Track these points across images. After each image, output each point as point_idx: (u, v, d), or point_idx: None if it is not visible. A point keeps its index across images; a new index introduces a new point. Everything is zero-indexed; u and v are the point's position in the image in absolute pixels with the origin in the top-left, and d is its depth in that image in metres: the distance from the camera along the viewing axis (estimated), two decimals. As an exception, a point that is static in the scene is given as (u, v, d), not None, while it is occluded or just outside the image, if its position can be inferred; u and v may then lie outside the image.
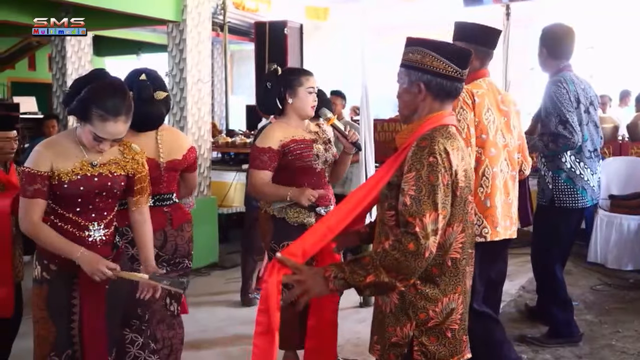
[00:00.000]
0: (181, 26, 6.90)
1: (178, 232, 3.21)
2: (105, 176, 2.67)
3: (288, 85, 3.52)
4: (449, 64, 2.10)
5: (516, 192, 3.53)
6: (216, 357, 4.36)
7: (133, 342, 3.11)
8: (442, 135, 2.06)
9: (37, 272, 2.71)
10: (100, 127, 2.52)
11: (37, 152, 2.61)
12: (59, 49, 7.90)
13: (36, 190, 2.57)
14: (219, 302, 5.62)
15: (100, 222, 2.70)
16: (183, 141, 3.34)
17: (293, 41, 9.63)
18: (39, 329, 2.69)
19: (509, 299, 5.40)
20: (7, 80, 11.20)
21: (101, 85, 2.58)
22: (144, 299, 3.02)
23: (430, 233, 1.94)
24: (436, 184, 1.97)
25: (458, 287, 2.12)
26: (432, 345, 2.10)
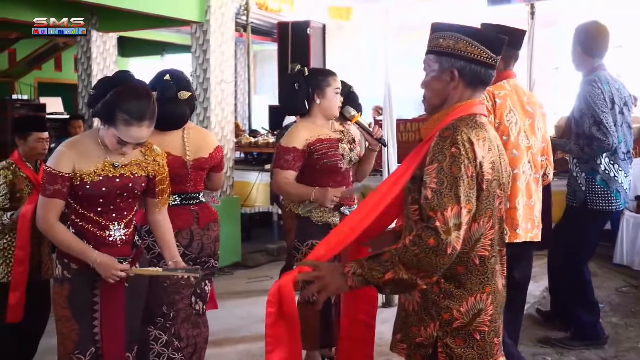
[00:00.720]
0: (205, 27, 6.94)
1: (204, 232, 3.23)
2: (127, 177, 2.69)
3: (317, 86, 3.53)
4: (484, 49, 2.01)
5: (540, 195, 3.50)
6: (238, 355, 4.38)
7: (157, 339, 3.14)
8: (467, 125, 1.97)
9: (59, 271, 2.73)
10: (124, 132, 2.54)
11: (60, 153, 2.63)
12: (84, 50, 8.00)
13: (56, 191, 2.59)
14: (242, 301, 5.65)
15: (121, 222, 2.73)
16: (210, 140, 3.36)
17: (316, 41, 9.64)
18: (62, 327, 2.72)
19: (533, 300, 5.35)
20: (34, 81, 11.34)
21: (126, 89, 2.59)
22: (170, 297, 3.06)
23: (453, 228, 1.84)
24: (459, 175, 1.87)
25: (487, 287, 2.01)
26: (458, 347, 2.00)
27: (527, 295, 3.96)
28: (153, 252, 3.11)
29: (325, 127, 3.61)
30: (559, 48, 9.22)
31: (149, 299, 3.06)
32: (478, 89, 2.08)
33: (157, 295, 3.10)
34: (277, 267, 6.33)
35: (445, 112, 2.07)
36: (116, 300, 2.72)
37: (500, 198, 2.04)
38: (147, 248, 3.11)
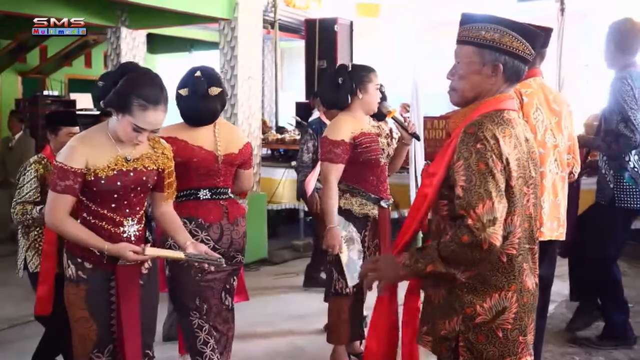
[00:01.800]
0: (233, 24, 6.97)
1: (233, 226, 3.24)
2: (140, 171, 2.65)
3: (360, 81, 3.64)
4: (527, 45, 1.98)
5: (565, 194, 3.47)
6: (264, 351, 4.41)
7: (201, 327, 3.17)
8: (492, 121, 1.95)
9: (72, 272, 2.65)
10: (140, 117, 2.50)
11: (71, 148, 2.57)
12: (114, 47, 8.08)
13: (67, 187, 2.53)
14: (268, 297, 5.68)
15: (134, 218, 2.69)
16: (239, 136, 3.40)
17: (343, 38, 9.64)
18: (79, 328, 2.66)
19: (560, 299, 5.29)
20: (64, 77, 11.49)
21: (138, 75, 2.57)
22: (203, 292, 3.09)
23: (487, 224, 1.83)
24: (487, 171, 1.87)
25: (512, 285, 1.99)
26: (479, 343, 1.99)
27: (554, 294, 3.92)
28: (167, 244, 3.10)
29: (365, 121, 3.71)
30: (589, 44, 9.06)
31: (181, 293, 3.09)
32: (513, 84, 2.06)
33: (189, 289, 3.13)
34: (302, 263, 6.36)
35: (474, 106, 2.04)
36: (131, 297, 2.68)
37: (528, 195, 2.01)
38: (169, 248, 3.05)
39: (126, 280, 2.65)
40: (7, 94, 10.41)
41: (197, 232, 3.13)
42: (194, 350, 3.18)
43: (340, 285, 3.74)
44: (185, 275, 3.12)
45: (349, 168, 3.62)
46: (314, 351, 4.37)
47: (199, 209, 3.16)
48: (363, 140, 3.61)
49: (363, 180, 3.69)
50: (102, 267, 2.63)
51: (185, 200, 3.17)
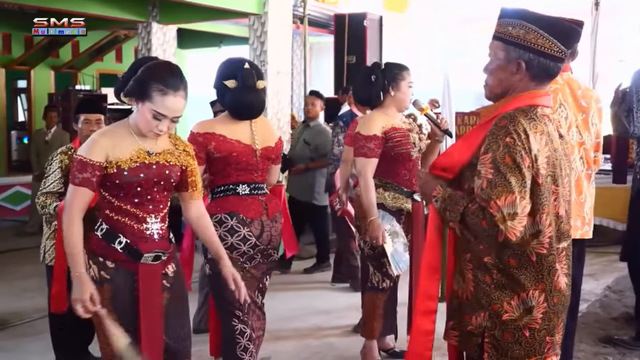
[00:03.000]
0: (262, 19, 6.99)
1: (272, 223, 3.20)
2: (163, 165, 2.59)
3: (392, 79, 3.70)
4: (555, 42, 1.95)
5: (591, 191, 3.41)
6: (293, 346, 4.41)
7: (242, 333, 3.12)
8: (525, 116, 1.92)
9: (95, 273, 2.55)
10: (160, 103, 2.45)
11: (92, 141, 2.52)
12: (145, 42, 8.16)
13: (84, 179, 2.47)
14: (296, 292, 5.68)
15: (157, 215, 2.62)
16: (273, 130, 3.38)
17: (372, 33, 9.57)
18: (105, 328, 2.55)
19: (594, 298, 5.22)
20: (95, 72, 11.62)
21: (157, 63, 2.56)
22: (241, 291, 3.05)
23: (507, 217, 1.82)
24: (513, 165, 1.85)
25: (540, 284, 1.96)
26: (505, 342, 1.97)
27: (587, 293, 3.86)
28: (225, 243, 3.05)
29: (396, 117, 3.78)
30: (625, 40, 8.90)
31: (226, 293, 2.98)
32: (544, 82, 2.02)
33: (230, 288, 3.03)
34: (330, 258, 6.34)
35: (505, 101, 2.03)
36: (153, 296, 2.61)
37: (556, 194, 1.97)
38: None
39: (148, 279, 2.59)
40: (41, 89, 10.56)
41: (239, 228, 3.08)
42: (233, 356, 3.12)
43: (376, 279, 3.76)
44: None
45: (381, 162, 3.67)
46: (343, 346, 4.36)
47: (240, 205, 3.10)
48: (394, 135, 3.67)
49: (395, 175, 3.73)
50: (125, 267, 2.56)
51: (224, 195, 3.12)
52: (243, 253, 3.10)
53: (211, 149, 3.04)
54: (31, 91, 10.62)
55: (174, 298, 2.69)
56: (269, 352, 4.07)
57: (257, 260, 3.15)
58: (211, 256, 3.01)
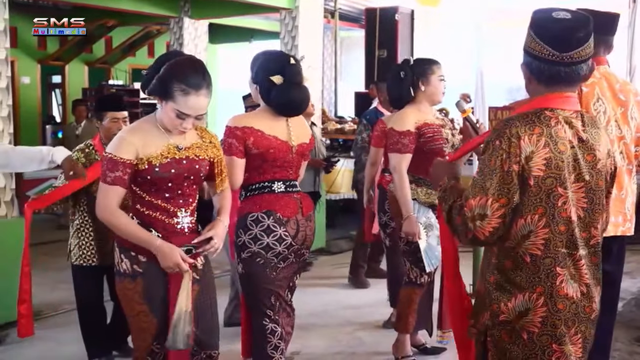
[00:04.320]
0: (294, 13, 6.98)
1: (307, 222, 3.12)
2: (193, 159, 2.60)
3: (422, 73, 3.71)
4: (544, 46, 1.95)
5: (633, 187, 3.33)
6: (323, 341, 4.41)
7: (273, 332, 3.08)
8: (523, 119, 1.94)
9: (127, 266, 2.58)
10: (182, 102, 2.45)
11: (121, 139, 2.53)
12: (177, 37, 8.21)
13: (116, 178, 2.48)
14: (327, 287, 5.69)
15: (187, 209, 2.63)
16: (307, 126, 3.32)
17: (404, 27, 9.50)
18: (139, 322, 2.61)
19: (629, 297, 5.13)
20: (128, 67, 11.74)
21: (179, 61, 2.52)
22: (277, 290, 3.04)
23: (475, 217, 1.90)
24: (494, 168, 1.90)
25: (537, 287, 1.94)
26: (503, 342, 1.99)
27: (622, 291, 3.78)
28: (249, 251, 3.01)
29: (429, 113, 3.78)
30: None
31: (257, 290, 3.01)
32: (552, 85, 2.00)
33: (266, 288, 3.04)
34: (361, 253, 6.33)
35: (526, 100, 2.07)
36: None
37: (564, 197, 1.93)
38: (243, 244, 3.02)
39: (180, 274, 2.59)
40: (75, 84, 10.71)
41: (276, 227, 3.00)
42: (263, 354, 3.09)
43: (414, 274, 3.76)
44: (262, 273, 3.02)
45: (414, 158, 3.66)
46: (373, 342, 4.35)
47: (276, 203, 3.02)
48: (426, 131, 3.67)
49: (428, 170, 3.65)
50: (156, 260, 2.57)
51: (260, 193, 3.04)
52: (278, 253, 3.03)
53: (249, 144, 2.96)
54: (65, 86, 10.78)
55: (204, 291, 2.70)
56: (298, 346, 4.07)
57: (290, 260, 3.10)
58: (245, 255, 3.02)
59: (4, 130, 4.64)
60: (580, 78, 2.01)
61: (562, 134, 1.94)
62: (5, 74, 4.65)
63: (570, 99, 2.02)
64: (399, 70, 3.78)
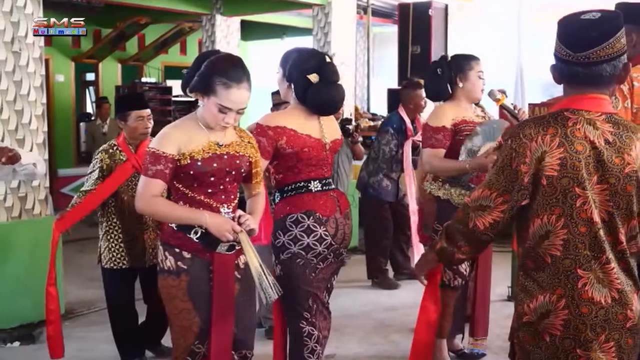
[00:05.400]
0: (326, 9, 6.91)
1: (345, 220, 3.07)
2: (233, 155, 2.64)
3: (459, 69, 3.65)
4: (561, 46, 1.95)
5: None
6: (358, 343, 4.33)
7: (310, 335, 3.04)
8: (539, 120, 1.95)
9: (171, 263, 2.61)
10: (224, 96, 2.51)
11: (164, 134, 2.60)
12: (209, 34, 8.19)
13: (158, 171, 2.53)
14: (360, 287, 5.62)
15: (229, 205, 2.65)
16: (336, 123, 3.30)
17: (437, 22, 9.36)
18: (182, 320, 2.63)
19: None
20: (160, 64, 11.77)
21: (219, 57, 2.59)
22: (314, 291, 3.01)
23: (478, 207, 1.98)
24: (502, 165, 1.96)
25: (558, 289, 1.91)
26: (527, 343, 1.98)
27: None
28: (288, 252, 2.99)
29: (469, 110, 3.70)
30: None
31: (295, 293, 2.98)
32: (575, 87, 1.97)
33: (305, 289, 3.00)
34: (394, 253, 6.24)
35: (557, 100, 2.13)
36: (227, 287, 2.64)
37: (583, 198, 1.89)
38: (282, 246, 3.00)
39: (223, 269, 2.62)
40: (108, 81, 10.77)
41: (316, 227, 2.96)
42: (300, 358, 3.07)
43: (447, 277, 3.66)
44: (302, 274, 2.98)
45: (449, 156, 3.58)
46: (408, 345, 4.20)
47: (315, 203, 2.98)
48: (464, 128, 3.59)
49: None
50: (201, 256, 2.61)
51: (297, 193, 3.00)
52: (318, 254, 2.98)
53: (282, 144, 2.92)
54: (99, 84, 10.85)
55: (244, 289, 2.72)
56: (332, 348, 4.01)
57: (329, 260, 3.05)
58: (284, 257, 2.99)
59: (38, 129, 4.66)
60: (604, 79, 1.95)
61: (581, 134, 1.90)
62: (39, 73, 4.66)
63: (596, 100, 1.97)
64: (436, 66, 3.72)
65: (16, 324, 4.52)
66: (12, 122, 4.53)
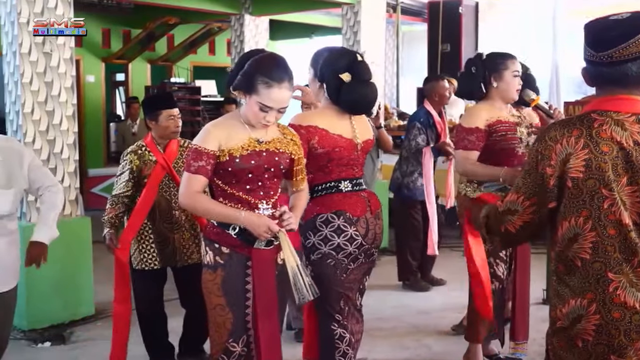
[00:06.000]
0: (356, 8, 6.85)
1: (376, 220, 3.06)
2: (273, 152, 2.67)
3: (494, 68, 3.55)
4: (586, 47, 1.95)
5: None
6: (390, 347, 4.26)
7: (342, 337, 3.02)
8: (566, 122, 1.95)
9: (210, 258, 2.68)
10: (265, 95, 2.54)
11: (206, 131, 2.65)
12: (237, 34, 8.18)
13: (200, 167, 2.59)
14: (391, 288, 5.54)
15: (269, 202, 2.67)
16: (368, 121, 3.27)
17: (468, 20, 9.26)
18: (216, 315, 2.68)
19: None
20: (189, 64, 11.81)
21: (263, 57, 2.62)
22: (346, 292, 2.99)
23: (506, 211, 2.01)
24: (529, 168, 1.98)
25: (588, 293, 1.88)
26: (560, 349, 1.95)
27: None
28: (319, 252, 2.97)
29: (504, 110, 3.60)
30: None
31: (327, 294, 2.97)
32: (603, 87, 1.97)
33: (336, 290, 2.99)
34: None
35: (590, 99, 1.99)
36: (267, 283, 2.66)
37: (611, 199, 1.85)
38: (312, 246, 2.98)
39: (262, 265, 2.65)
40: (138, 82, 10.84)
41: (346, 227, 2.95)
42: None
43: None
44: (333, 274, 2.97)
45: (483, 157, 3.50)
46: (442, 349, 4.18)
47: (345, 203, 2.97)
48: (498, 128, 3.50)
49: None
50: (239, 251, 2.65)
51: (327, 193, 2.99)
52: (349, 254, 2.97)
53: (314, 143, 2.92)
54: (129, 84, 10.92)
55: (280, 286, 2.72)
56: (364, 352, 3.94)
57: (360, 261, 3.03)
58: (314, 257, 2.98)
59: (68, 129, 4.67)
60: (631, 79, 1.91)
61: (607, 135, 1.87)
62: (70, 74, 4.67)
63: (626, 101, 1.93)
64: (471, 64, 3.63)
65: (47, 325, 4.54)
66: (44, 123, 4.55)
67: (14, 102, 4.56)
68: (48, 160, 4.57)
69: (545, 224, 2.00)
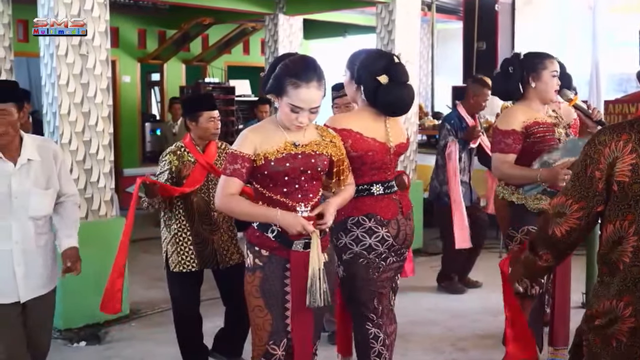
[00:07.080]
0: (390, 6, 6.78)
1: (407, 221, 3.07)
2: (309, 154, 2.68)
3: (532, 68, 3.49)
4: None
5: None
6: (426, 353, 4.18)
7: (376, 337, 3.05)
8: (617, 126, 1.93)
9: (250, 261, 2.73)
10: (294, 96, 2.57)
11: (243, 136, 2.70)
12: (271, 34, 8.18)
13: (235, 170, 2.63)
14: (425, 290, 5.46)
15: (307, 204, 2.67)
16: (402, 124, 3.27)
17: (504, 18, 9.13)
18: (255, 317, 2.71)
19: None
20: (223, 64, 11.84)
21: (292, 59, 2.66)
22: (379, 291, 2.99)
23: (555, 214, 2.00)
24: (577, 171, 1.97)
25: (625, 295, 1.88)
26: (596, 347, 1.95)
27: None
28: (350, 252, 2.99)
29: (541, 111, 3.54)
30: None
31: (360, 294, 3.00)
32: None
33: (369, 289, 3.01)
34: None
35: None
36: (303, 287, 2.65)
37: None
38: (344, 246, 2.99)
39: (300, 266, 2.64)
40: (173, 82, 10.91)
41: (378, 229, 2.96)
42: None
43: (524, 285, 3.46)
44: (365, 273, 2.98)
45: (522, 159, 3.44)
46: (479, 354, 4.10)
47: (377, 206, 2.99)
48: (536, 130, 3.44)
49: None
50: (277, 254, 2.67)
51: (359, 196, 2.98)
52: (380, 254, 2.99)
53: (347, 146, 2.91)
54: (164, 84, 10.99)
55: None
56: (398, 357, 3.88)
57: (391, 260, 3.05)
58: (346, 257, 2.99)
59: (104, 130, 4.70)
60: None
61: None
62: (106, 75, 4.71)
63: None
64: (508, 64, 3.57)
65: (82, 324, 4.58)
66: (80, 124, 4.59)
67: (50, 104, 4.61)
68: (84, 161, 4.61)
69: (591, 229, 1.99)
